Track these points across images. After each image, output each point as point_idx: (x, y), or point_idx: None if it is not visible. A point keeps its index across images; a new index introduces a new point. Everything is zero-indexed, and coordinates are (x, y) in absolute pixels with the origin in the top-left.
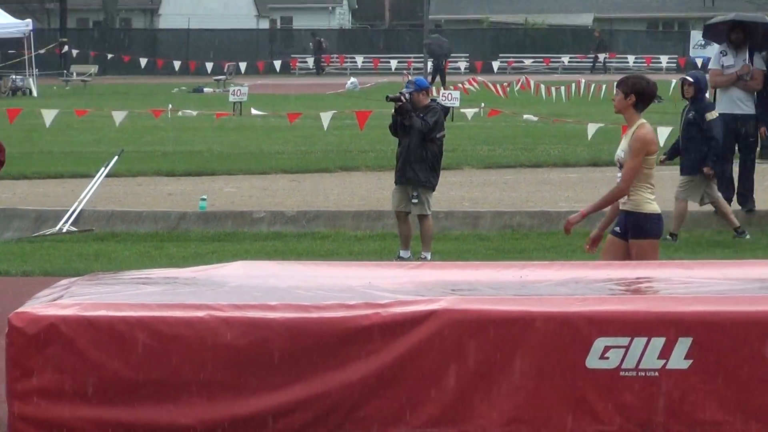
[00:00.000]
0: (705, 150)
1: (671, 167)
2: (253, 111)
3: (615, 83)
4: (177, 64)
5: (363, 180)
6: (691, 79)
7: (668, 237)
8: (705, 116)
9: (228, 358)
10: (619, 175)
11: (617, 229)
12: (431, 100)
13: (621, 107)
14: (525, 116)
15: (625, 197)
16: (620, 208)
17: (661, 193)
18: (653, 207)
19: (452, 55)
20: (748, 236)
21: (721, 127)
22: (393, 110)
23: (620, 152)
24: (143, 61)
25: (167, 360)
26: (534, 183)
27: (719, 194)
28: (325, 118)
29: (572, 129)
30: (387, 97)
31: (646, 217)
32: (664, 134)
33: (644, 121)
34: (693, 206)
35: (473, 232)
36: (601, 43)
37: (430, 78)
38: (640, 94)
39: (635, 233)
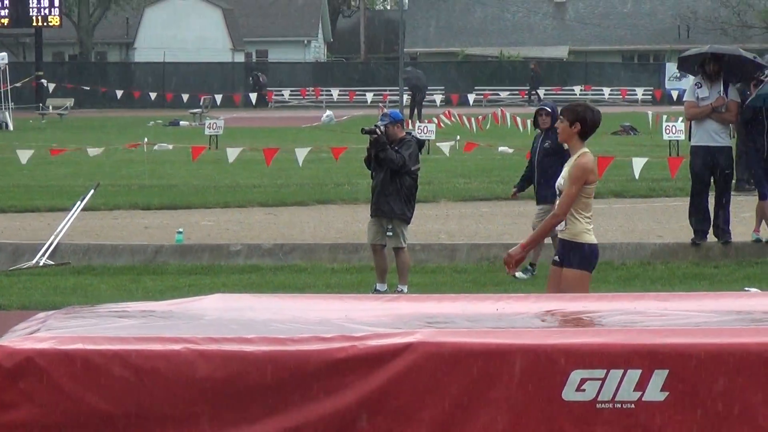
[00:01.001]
0: None
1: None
2: (229, 150)
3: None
4: (153, 97)
5: (339, 213)
6: (548, 109)
7: (528, 267)
8: (564, 145)
9: (205, 392)
10: (557, 202)
11: (556, 258)
12: (406, 133)
13: (565, 136)
14: (500, 148)
15: (563, 226)
16: (558, 236)
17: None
18: (590, 238)
19: (428, 88)
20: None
21: None
22: (368, 143)
23: (561, 180)
24: (119, 95)
25: (144, 393)
26: (510, 215)
27: None
28: (301, 153)
29: None
30: (362, 129)
31: (580, 248)
32: (639, 165)
33: (587, 150)
34: (670, 238)
35: (450, 264)
36: (536, 77)
37: (408, 111)
38: (584, 123)
39: (567, 262)
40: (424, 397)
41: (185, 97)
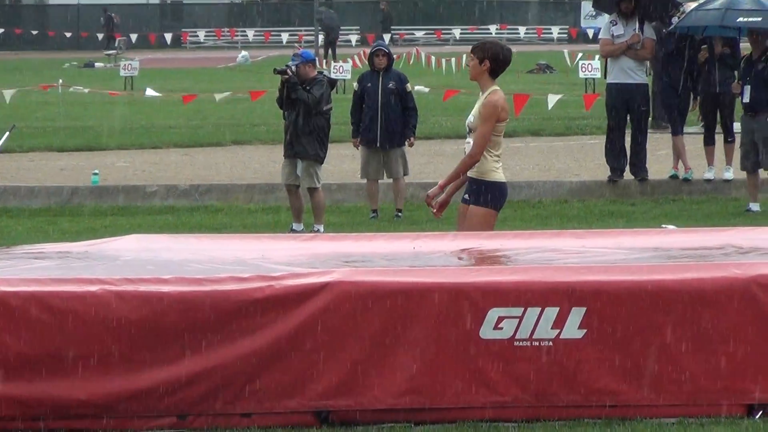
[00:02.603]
0: (407, 121)
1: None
2: (148, 92)
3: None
4: (68, 39)
5: (255, 153)
6: (385, 50)
7: (373, 214)
8: (406, 87)
9: (122, 332)
10: (469, 141)
11: (466, 196)
12: (318, 72)
13: (476, 73)
14: (417, 87)
15: None
16: (467, 174)
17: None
18: (498, 175)
19: (343, 28)
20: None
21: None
22: (279, 83)
23: (471, 117)
24: (33, 37)
25: (61, 335)
26: (427, 155)
27: (402, 171)
28: (219, 95)
29: (464, 101)
30: (274, 70)
31: (488, 186)
32: (553, 100)
33: (497, 87)
34: (586, 176)
35: (366, 204)
36: (387, 17)
37: (322, 52)
38: (494, 60)
39: (474, 200)
40: (342, 336)
41: (99, 36)
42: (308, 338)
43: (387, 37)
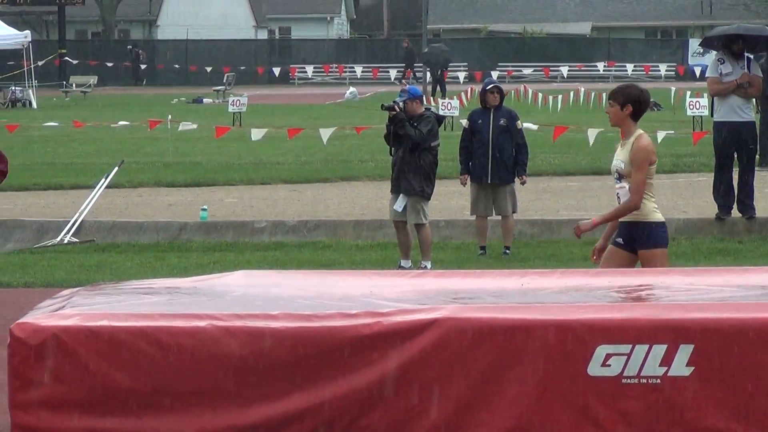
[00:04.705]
0: (518, 158)
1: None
2: (254, 131)
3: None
4: (176, 74)
5: (363, 189)
6: (499, 87)
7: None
8: (516, 124)
9: (230, 368)
10: (619, 185)
11: (619, 240)
12: (425, 108)
13: (618, 119)
14: (525, 124)
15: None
16: (624, 218)
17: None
18: (658, 216)
19: (451, 64)
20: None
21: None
22: (387, 119)
23: (619, 163)
24: (142, 72)
25: (169, 370)
26: (534, 192)
27: (510, 208)
28: (325, 133)
29: (572, 138)
30: (381, 105)
31: (654, 227)
32: (661, 135)
33: (642, 131)
34: (694, 213)
35: (474, 240)
36: (410, 54)
37: (430, 89)
38: (635, 103)
39: (644, 244)
40: (449, 372)
41: (208, 69)
42: (416, 374)
43: (495, 74)
